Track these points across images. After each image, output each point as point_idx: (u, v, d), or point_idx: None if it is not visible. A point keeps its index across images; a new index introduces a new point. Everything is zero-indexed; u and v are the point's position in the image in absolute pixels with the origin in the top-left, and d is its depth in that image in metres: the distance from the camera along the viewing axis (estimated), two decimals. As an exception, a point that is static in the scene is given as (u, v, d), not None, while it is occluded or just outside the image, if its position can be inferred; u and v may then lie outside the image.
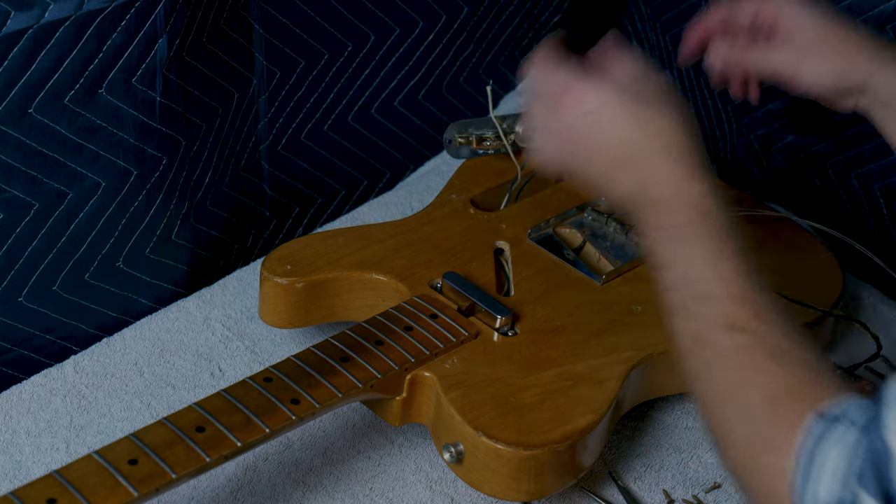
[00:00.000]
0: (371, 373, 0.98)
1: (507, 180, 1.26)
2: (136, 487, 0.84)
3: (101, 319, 1.18)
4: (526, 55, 1.48)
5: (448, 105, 1.44)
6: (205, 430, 0.90)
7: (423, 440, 1.08)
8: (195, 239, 1.24)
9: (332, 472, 1.05)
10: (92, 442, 1.06)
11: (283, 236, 1.39)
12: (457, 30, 1.38)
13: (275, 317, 1.11)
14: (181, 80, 1.13)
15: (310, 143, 1.34)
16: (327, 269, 1.10)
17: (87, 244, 1.13)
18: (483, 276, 1.13)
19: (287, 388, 0.95)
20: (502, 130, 1.28)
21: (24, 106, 1.03)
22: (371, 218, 1.33)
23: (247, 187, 1.31)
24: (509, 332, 1.06)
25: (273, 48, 1.25)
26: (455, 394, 0.99)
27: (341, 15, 1.29)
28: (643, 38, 1.53)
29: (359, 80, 1.34)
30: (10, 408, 1.08)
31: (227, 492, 1.02)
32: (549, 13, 1.47)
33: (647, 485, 1.06)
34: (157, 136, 1.13)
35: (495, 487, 0.97)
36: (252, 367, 1.14)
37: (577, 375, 1.02)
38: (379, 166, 1.42)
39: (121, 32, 1.05)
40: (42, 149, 1.06)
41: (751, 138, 1.38)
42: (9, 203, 1.06)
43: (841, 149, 1.32)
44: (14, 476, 1.02)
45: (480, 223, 1.20)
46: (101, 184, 1.11)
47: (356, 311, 1.11)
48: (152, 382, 1.12)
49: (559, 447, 0.96)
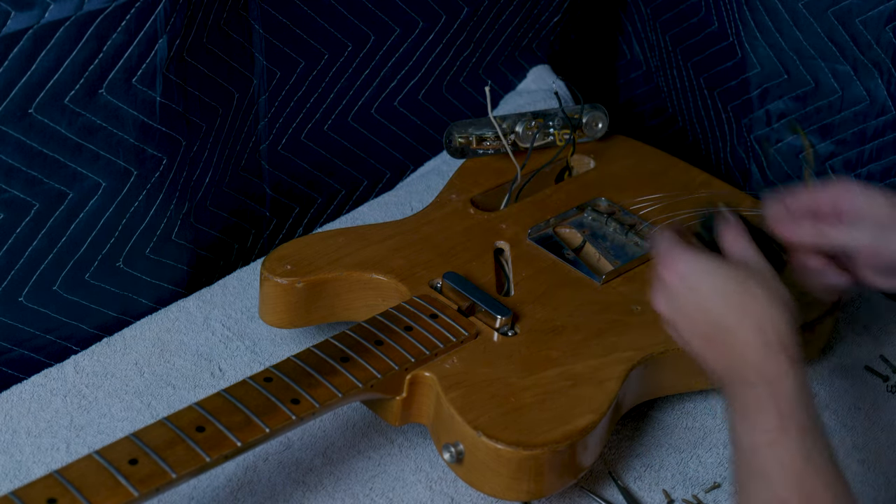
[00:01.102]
0: (371, 373, 0.98)
1: (507, 180, 1.26)
2: (137, 487, 0.84)
3: (102, 319, 1.18)
4: (525, 56, 1.48)
5: (448, 105, 1.44)
6: (205, 429, 0.90)
7: (423, 440, 1.08)
8: (195, 239, 1.24)
9: (332, 472, 1.05)
10: (92, 442, 1.06)
11: (283, 236, 1.38)
12: (457, 30, 1.38)
13: (275, 317, 1.11)
14: (181, 80, 1.13)
15: (310, 143, 1.34)
16: (327, 269, 1.10)
17: (88, 244, 1.13)
18: (483, 276, 1.13)
19: (287, 388, 0.95)
20: (502, 130, 1.28)
21: (24, 106, 1.03)
22: (371, 218, 1.33)
23: (247, 187, 1.31)
24: (509, 332, 1.06)
25: (273, 48, 1.25)
26: (455, 394, 0.99)
27: (341, 15, 1.29)
28: (643, 38, 1.53)
29: (359, 80, 1.34)
30: (11, 408, 1.08)
31: (227, 492, 1.02)
32: (549, 13, 1.47)
33: (647, 485, 1.06)
34: (157, 136, 1.13)
35: (495, 487, 0.97)
36: (252, 367, 1.14)
37: (577, 375, 1.02)
38: (379, 166, 1.42)
39: (121, 32, 1.05)
40: (42, 149, 1.06)
41: (751, 138, 1.38)
42: (9, 203, 1.06)
43: (841, 149, 1.32)
44: (14, 476, 1.02)
45: (480, 223, 1.20)
46: (102, 184, 1.11)
47: (356, 311, 1.11)
48: (152, 382, 1.12)
49: (559, 447, 0.96)
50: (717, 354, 0.91)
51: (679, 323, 0.95)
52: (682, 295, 0.93)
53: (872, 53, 1.26)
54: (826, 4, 1.26)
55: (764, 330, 0.89)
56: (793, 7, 1.28)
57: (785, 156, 1.36)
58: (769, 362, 0.88)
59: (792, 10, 1.28)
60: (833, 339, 1.21)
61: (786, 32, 1.30)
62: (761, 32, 1.31)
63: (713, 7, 1.38)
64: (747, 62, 1.34)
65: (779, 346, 0.88)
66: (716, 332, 0.91)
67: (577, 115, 1.31)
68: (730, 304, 0.91)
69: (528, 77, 1.50)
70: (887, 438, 1.12)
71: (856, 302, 1.25)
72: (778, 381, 0.87)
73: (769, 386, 0.87)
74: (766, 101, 1.35)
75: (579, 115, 1.31)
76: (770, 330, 0.89)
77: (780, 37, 1.30)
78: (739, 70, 1.36)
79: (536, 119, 1.30)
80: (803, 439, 0.85)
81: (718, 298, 0.92)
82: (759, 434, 0.85)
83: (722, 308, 0.91)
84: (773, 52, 1.32)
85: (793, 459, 0.84)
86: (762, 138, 1.38)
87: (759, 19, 1.31)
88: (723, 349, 0.91)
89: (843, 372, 1.19)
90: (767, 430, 0.85)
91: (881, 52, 1.25)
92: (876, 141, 1.30)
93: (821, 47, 1.28)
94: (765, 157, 1.38)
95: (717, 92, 1.41)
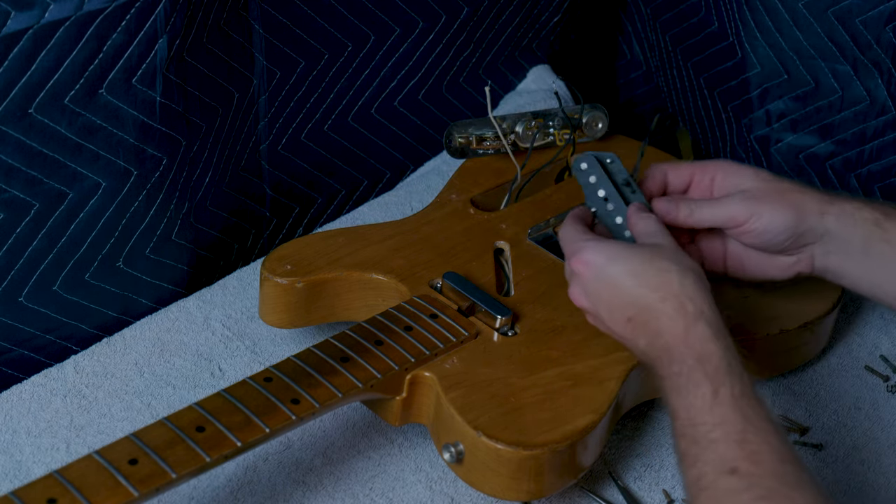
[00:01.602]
0: (371, 373, 0.98)
1: (507, 180, 1.26)
2: (137, 487, 0.84)
3: (101, 319, 1.18)
4: (525, 56, 1.48)
5: (448, 105, 1.44)
6: (205, 429, 0.90)
7: (423, 440, 1.08)
8: (195, 239, 1.24)
9: (332, 472, 1.05)
10: (92, 442, 1.06)
11: (283, 236, 1.38)
12: (457, 30, 1.38)
13: (275, 317, 1.11)
14: (181, 80, 1.13)
15: (310, 143, 1.34)
16: (327, 269, 1.10)
17: (87, 244, 1.13)
18: (483, 276, 1.13)
19: (287, 388, 0.95)
20: (502, 130, 1.28)
21: (24, 106, 1.03)
22: (371, 218, 1.33)
23: (247, 187, 1.31)
24: (509, 332, 1.06)
25: (273, 48, 1.25)
26: (455, 394, 0.99)
27: (341, 15, 1.29)
28: (643, 38, 1.53)
29: (359, 80, 1.34)
30: (10, 408, 1.08)
31: (227, 492, 1.02)
32: (549, 13, 1.47)
33: (647, 485, 1.06)
34: (157, 136, 1.13)
35: (495, 487, 0.97)
36: (252, 367, 1.14)
37: (577, 375, 1.02)
38: (379, 166, 1.42)
39: (121, 32, 1.05)
40: (42, 149, 1.06)
41: (751, 138, 1.38)
42: (9, 203, 1.06)
43: (841, 149, 1.32)
44: (14, 476, 1.02)
45: (480, 223, 1.20)
46: (101, 184, 1.11)
47: (356, 311, 1.11)
48: (152, 382, 1.12)
49: (559, 447, 0.96)
50: (641, 335, 0.93)
51: (600, 312, 0.97)
52: (596, 284, 0.96)
53: (872, 53, 1.26)
54: (826, 4, 1.26)
55: (682, 303, 0.92)
56: (793, 7, 1.28)
57: (785, 156, 1.36)
58: (693, 334, 0.90)
59: (792, 10, 1.28)
60: (833, 339, 1.21)
61: (786, 32, 1.30)
62: (761, 32, 1.31)
63: (713, 7, 1.38)
64: (747, 62, 1.34)
65: (698, 315, 0.91)
66: (637, 314, 0.93)
67: (577, 115, 1.31)
68: (645, 283, 0.93)
69: (528, 77, 1.50)
70: (887, 438, 1.12)
71: (856, 302, 1.25)
72: (704, 350, 0.89)
73: (697, 357, 0.89)
74: (766, 101, 1.35)
75: (579, 115, 1.31)
76: (688, 302, 0.92)
77: (780, 37, 1.30)
78: (739, 70, 1.36)
79: (536, 119, 1.30)
80: (738, 403, 0.86)
81: (632, 280, 0.94)
82: (696, 405, 0.87)
83: (638, 289, 0.93)
84: (773, 52, 1.32)
85: (732, 423, 0.85)
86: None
87: (759, 19, 1.31)
88: (646, 329, 0.93)
89: (843, 372, 1.19)
90: (703, 400, 0.87)
91: (881, 52, 1.25)
92: (876, 141, 1.30)
93: (821, 47, 1.28)
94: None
95: (717, 92, 1.41)
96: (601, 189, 1.07)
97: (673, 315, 0.91)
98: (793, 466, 0.84)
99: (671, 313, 0.91)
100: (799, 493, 0.82)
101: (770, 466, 0.83)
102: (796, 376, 1.18)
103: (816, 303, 1.15)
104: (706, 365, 0.88)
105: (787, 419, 1.13)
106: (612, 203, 1.06)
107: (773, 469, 0.83)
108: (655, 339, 0.92)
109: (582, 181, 1.08)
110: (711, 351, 0.89)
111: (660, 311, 0.92)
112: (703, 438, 0.86)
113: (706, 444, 0.85)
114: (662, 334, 0.92)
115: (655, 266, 0.94)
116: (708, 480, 0.84)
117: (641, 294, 0.93)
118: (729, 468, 0.83)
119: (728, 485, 0.83)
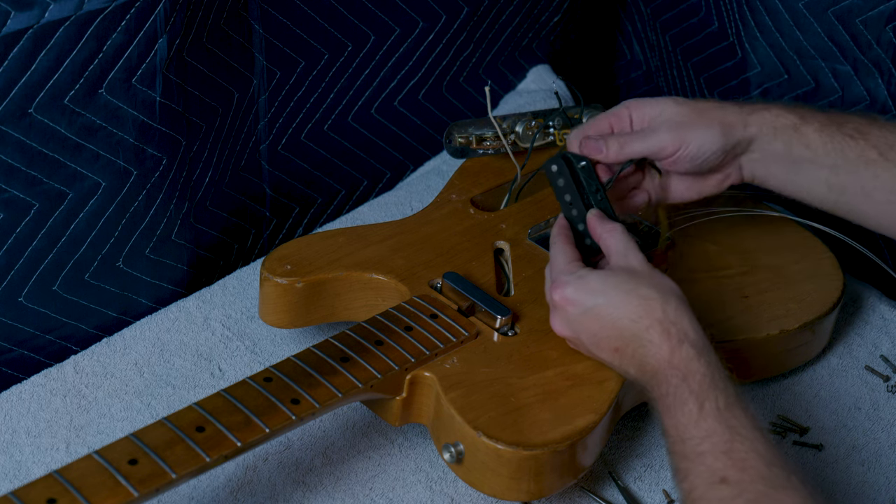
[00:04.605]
0: (371, 373, 0.98)
1: (507, 180, 1.26)
2: (136, 487, 0.84)
3: (101, 319, 1.18)
4: (525, 56, 1.48)
5: (448, 105, 1.44)
6: (205, 430, 0.90)
7: (423, 440, 1.08)
8: (195, 239, 1.24)
9: (332, 472, 1.05)
10: (92, 442, 1.06)
11: (283, 236, 1.39)
12: (457, 30, 1.38)
13: (275, 317, 1.11)
14: (181, 80, 1.13)
15: (310, 143, 1.34)
16: (327, 269, 1.10)
17: (87, 244, 1.13)
18: (483, 276, 1.13)
19: (287, 388, 0.95)
20: (502, 130, 1.28)
21: (24, 106, 1.03)
22: (371, 218, 1.33)
23: (247, 187, 1.31)
24: (509, 332, 1.06)
25: (273, 48, 1.25)
26: (455, 394, 0.99)
27: (341, 15, 1.29)
28: (643, 38, 1.53)
29: (359, 80, 1.34)
30: (10, 408, 1.08)
31: (227, 492, 1.02)
32: (549, 13, 1.47)
33: (647, 485, 1.06)
34: (157, 136, 1.13)
35: (495, 487, 0.97)
36: (252, 367, 1.14)
37: (577, 375, 1.02)
38: (379, 166, 1.42)
39: (121, 32, 1.05)
40: (42, 149, 1.06)
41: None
42: (9, 203, 1.06)
43: (841, 149, 1.32)
44: (14, 476, 1.02)
45: (480, 223, 1.20)
46: (101, 184, 1.11)
47: (356, 311, 1.11)
48: (152, 382, 1.12)
49: (559, 447, 0.96)
50: (630, 364, 0.97)
51: (584, 342, 1.00)
52: (581, 318, 0.99)
53: (872, 53, 1.26)
54: (826, 4, 1.26)
55: (666, 328, 0.94)
56: (793, 7, 1.28)
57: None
58: (677, 356, 0.93)
59: (792, 9, 1.28)
60: (833, 339, 1.21)
61: (786, 32, 1.30)
62: (761, 32, 1.31)
63: (713, 7, 1.38)
64: (747, 62, 1.34)
65: (682, 338, 0.94)
66: (623, 345, 0.96)
67: (577, 115, 1.31)
68: (629, 315, 0.96)
69: (528, 77, 1.50)
70: (887, 438, 1.12)
71: (856, 302, 1.25)
72: (688, 369, 0.92)
73: (682, 376, 0.92)
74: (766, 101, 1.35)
75: (579, 115, 1.31)
76: (671, 326, 0.94)
77: (781, 37, 1.30)
78: (739, 70, 1.36)
79: (536, 119, 1.30)
80: (722, 415, 0.89)
81: (617, 312, 0.96)
82: (683, 422, 0.90)
83: (623, 321, 0.96)
84: (773, 52, 1.32)
85: (719, 434, 0.88)
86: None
87: (759, 19, 1.31)
88: (633, 358, 0.96)
89: (843, 372, 1.19)
90: (689, 416, 0.90)
91: (881, 51, 1.25)
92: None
93: (821, 47, 1.28)
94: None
95: (717, 92, 1.41)
96: (567, 193, 1.07)
97: (658, 341, 0.94)
98: (780, 469, 0.86)
99: (656, 340, 0.94)
100: (786, 493, 0.84)
101: (757, 472, 0.86)
102: (796, 376, 1.18)
103: (816, 303, 1.15)
104: (691, 382, 0.91)
105: (787, 419, 1.13)
106: (576, 209, 1.06)
107: (760, 474, 0.85)
108: (643, 366, 0.95)
109: (552, 183, 1.08)
110: (695, 369, 0.92)
111: (645, 339, 0.95)
112: (691, 452, 0.88)
113: (695, 457, 0.88)
114: (649, 360, 0.94)
115: (638, 294, 0.96)
116: (700, 492, 0.86)
117: (626, 326, 0.96)
118: (719, 478, 0.86)
119: (719, 494, 0.85)
